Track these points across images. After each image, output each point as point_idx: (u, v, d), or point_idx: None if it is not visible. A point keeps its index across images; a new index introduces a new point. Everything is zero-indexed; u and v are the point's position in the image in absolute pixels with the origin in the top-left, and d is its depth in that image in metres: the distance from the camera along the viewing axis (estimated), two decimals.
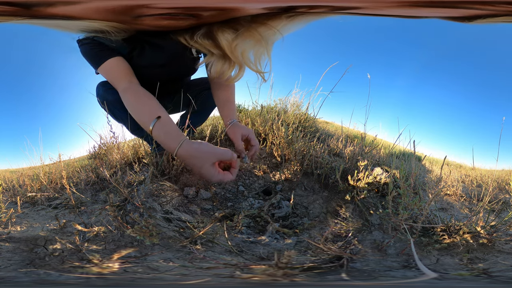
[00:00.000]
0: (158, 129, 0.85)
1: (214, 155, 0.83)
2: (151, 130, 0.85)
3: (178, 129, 0.88)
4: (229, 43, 0.79)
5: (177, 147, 0.82)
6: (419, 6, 0.68)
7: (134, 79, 0.98)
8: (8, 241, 0.77)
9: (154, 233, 0.77)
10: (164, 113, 0.88)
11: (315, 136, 1.41)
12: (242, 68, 0.88)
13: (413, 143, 0.85)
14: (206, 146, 0.84)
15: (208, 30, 0.80)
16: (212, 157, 0.83)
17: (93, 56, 1.00)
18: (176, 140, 0.83)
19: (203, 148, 0.83)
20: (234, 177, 0.89)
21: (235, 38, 0.78)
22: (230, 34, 0.78)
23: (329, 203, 1.07)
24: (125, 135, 1.28)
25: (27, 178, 1.23)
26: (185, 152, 0.82)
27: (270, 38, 0.79)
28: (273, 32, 0.76)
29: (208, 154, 0.83)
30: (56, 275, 0.64)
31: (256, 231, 0.93)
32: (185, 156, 0.83)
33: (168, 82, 1.19)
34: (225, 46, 0.80)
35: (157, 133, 0.85)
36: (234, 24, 0.77)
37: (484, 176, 1.49)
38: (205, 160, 0.82)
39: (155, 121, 0.85)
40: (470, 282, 0.65)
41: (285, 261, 0.64)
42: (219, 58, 0.86)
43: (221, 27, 0.78)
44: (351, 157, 1.22)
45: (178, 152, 0.83)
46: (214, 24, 0.78)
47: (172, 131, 0.86)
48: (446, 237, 0.80)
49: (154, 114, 0.86)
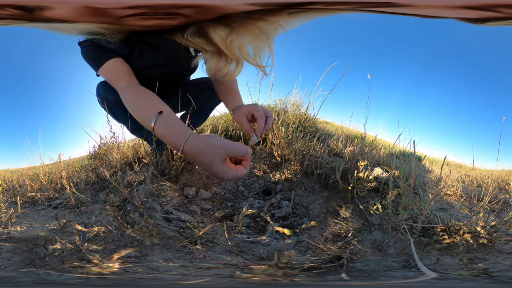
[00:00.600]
0: (161, 125, 0.78)
1: (225, 149, 0.72)
2: (153, 127, 0.78)
3: (182, 123, 0.80)
4: (223, 39, 0.78)
5: (182, 143, 0.73)
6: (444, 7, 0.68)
7: (134, 79, 0.98)
8: (8, 241, 0.77)
9: (154, 233, 0.77)
10: (166, 108, 0.82)
11: (315, 136, 1.41)
12: (239, 63, 0.86)
13: (413, 143, 0.85)
14: (215, 139, 0.74)
15: (198, 28, 0.80)
16: (223, 152, 0.72)
17: (93, 58, 1.00)
18: (181, 135, 0.74)
19: (213, 142, 0.73)
20: (248, 170, 0.79)
21: (229, 34, 0.77)
22: (223, 31, 0.77)
23: (329, 203, 1.08)
24: (125, 135, 1.28)
25: (27, 178, 1.23)
26: (192, 147, 0.73)
27: (271, 33, 0.78)
28: (274, 27, 0.76)
29: (219, 148, 0.72)
30: (56, 275, 0.64)
31: (256, 231, 0.93)
32: (192, 152, 0.73)
33: (168, 82, 1.19)
34: (219, 42, 0.78)
35: (159, 129, 0.78)
36: (227, 21, 0.76)
37: (484, 176, 1.49)
38: (214, 156, 0.72)
39: (156, 117, 0.78)
40: (470, 282, 0.65)
41: (285, 261, 0.64)
42: (214, 55, 0.85)
43: (212, 24, 0.77)
44: (351, 157, 1.22)
45: (184, 149, 0.73)
46: (205, 22, 0.78)
47: (175, 126, 0.78)
48: (446, 237, 0.80)
49: (155, 110, 0.79)
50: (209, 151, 0.72)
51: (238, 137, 1.51)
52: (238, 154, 0.74)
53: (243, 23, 0.76)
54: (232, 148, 0.73)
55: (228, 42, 0.78)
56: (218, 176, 0.74)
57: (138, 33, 0.97)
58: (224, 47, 0.80)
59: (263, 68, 0.86)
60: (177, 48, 0.98)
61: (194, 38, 0.81)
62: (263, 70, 0.87)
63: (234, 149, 0.73)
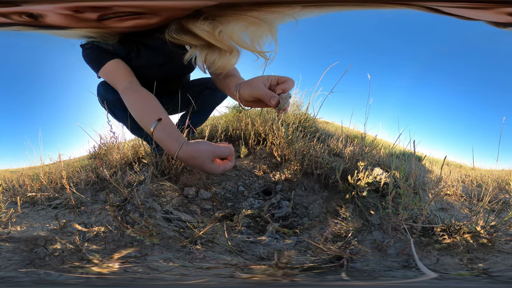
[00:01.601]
0: (159, 131, 0.87)
1: (212, 153, 0.85)
2: (152, 131, 0.87)
3: (178, 132, 0.89)
4: (209, 32, 0.79)
5: (177, 150, 0.84)
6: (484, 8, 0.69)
7: (134, 80, 0.99)
8: (8, 241, 0.77)
9: (154, 233, 0.77)
10: (165, 115, 0.90)
11: (315, 136, 1.41)
12: (234, 51, 0.87)
13: (413, 143, 0.85)
14: (204, 144, 0.86)
15: (179, 25, 0.81)
16: (210, 155, 0.85)
17: (94, 60, 1.01)
18: (177, 142, 0.85)
19: (201, 148, 0.85)
20: (233, 163, 0.92)
21: (215, 26, 0.78)
22: (204, 24, 0.78)
23: (329, 203, 1.07)
24: (125, 135, 1.28)
25: (27, 178, 1.23)
26: (185, 153, 0.84)
27: (273, 21, 0.78)
28: (277, 16, 0.76)
29: (207, 153, 0.85)
30: (56, 275, 0.64)
31: (256, 231, 0.93)
32: (185, 157, 0.85)
33: (168, 81, 1.19)
34: (204, 36, 0.80)
35: (157, 134, 0.87)
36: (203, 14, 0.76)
37: (484, 176, 1.49)
38: (204, 159, 0.84)
39: (156, 123, 0.87)
40: (470, 282, 0.65)
41: (285, 261, 0.64)
42: (204, 48, 0.86)
43: (191, 20, 0.78)
44: (351, 157, 1.22)
45: (178, 155, 0.85)
46: (182, 18, 0.78)
47: (172, 134, 0.87)
48: (446, 237, 0.80)
49: (155, 116, 0.88)
50: (199, 155, 0.84)
51: (238, 137, 1.50)
52: (224, 154, 0.88)
53: (224, 14, 0.76)
54: (218, 151, 0.86)
55: (217, 34, 0.79)
56: (209, 173, 0.92)
57: (133, 35, 0.97)
58: (212, 40, 0.80)
59: (263, 54, 0.86)
60: (171, 47, 0.98)
61: (179, 35, 0.82)
62: (263, 56, 0.87)
63: (220, 151, 0.86)
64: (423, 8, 0.74)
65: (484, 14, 0.72)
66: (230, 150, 0.89)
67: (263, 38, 0.83)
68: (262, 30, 0.81)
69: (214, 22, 0.77)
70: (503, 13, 0.71)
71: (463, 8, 0.71)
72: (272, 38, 0.83)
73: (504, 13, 0.71)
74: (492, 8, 0.70)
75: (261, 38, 0.83)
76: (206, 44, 0.84)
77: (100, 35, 0.86)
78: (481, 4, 0.70)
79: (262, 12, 0.76)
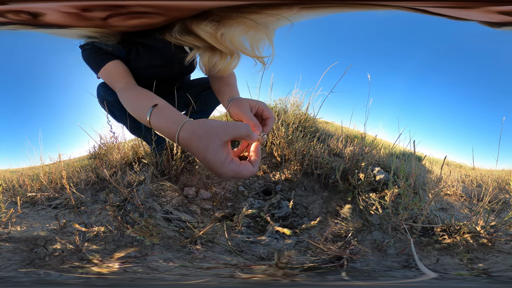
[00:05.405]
0: (156, 117, 0.73)
1: (224, 129, 0.62)
2: (148, 120, 0.74)
3: (178, 113, 0.74)
4: (211, 34, 0.77)
5: (177, 130, 0.65)
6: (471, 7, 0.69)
7: (131, 81, 0.99)
8: (8, 241, 0.77)
9: (154, 233, 0.77)
10: (162, 101, 0.78)
11: (315, 136, 1.41)
12: (234, 55, 0.85)
13: (413, 143, 0.85)
14: (215, 121, 0.65)
15: (183, 26, 0.80)
16: (221, 131, 0.62)
17: (93, 61, 1.02)
18: (176, 122, 0.67)
19: (211, 123, 0.63)
20: (257, 169, 0.67)
21: (217, 28, 0.77)
22: (207, 26, 0.76)
23: (329, 203, 1.08)
24: (125, 135, 1.28)
25: (27, 178, 1.23)
26: (187, 132, 0.65)
27: (270, 24, 0.78)
28: (275, 19, 0.75)
29: (217, 129, 0.62)
30: (56, 275, 0.64)
31: (256, 231, 0.93)
32: (188, 138, 0.64)
33: (167, 82, 1.19)
34: (207, 37, 0.77)
35: (155, 121, 0.73)
36: (209, 15, 0.76)
37: (484, 176, 1.49)
38: (211, 138, 0.61)
39: (151, 109, 0.74)
40: (470, 282, 0.65)
41: (285, 261, 0.64)
42: (207, 50, 0.84)
43: (195, 21, 0.77)
44: (351, 157, 1.22)
45: (179, 136, 0.65)
46: (187, 19, 0.78)
47: (171, 115, 0.72)
48: (446, 237, 0.80)
49: (150, 103, 0.76)
50: (206, 133, 0.62)
51: None
52: (240, 133, 0.64)
53: (230, 16, 0.75)
54: (231, 127, 0.63)
55: (219, 36, 0.77)
56: (215, 169, 0.63)
57: (132, 34, 0.97)
58: (214, 42, 0.79)
59: (261, 59, 0.84)
60: (171, 47, 0.98)
61: (182, 36, 0.80)
62: (261, 61, 0.85)
63: (234, 128, 0.63)
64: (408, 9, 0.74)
65: (474, 14, 0.71)
66: (246, 127, 0.65)
67: (261, 43, 0.82)
68: (260, 34, 0.80)
69: (217, 24, 0.77)
70: (493, 12, 0.70)
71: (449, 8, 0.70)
72: (269, 43, 0.82)
73: (495, 12, 0.70)
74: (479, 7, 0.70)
75: (259, 42, 0.82)
76: (209, 46, 0.83)
77: (100, 35, 0.85)
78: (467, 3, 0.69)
79: (261, 15, 0.75)
